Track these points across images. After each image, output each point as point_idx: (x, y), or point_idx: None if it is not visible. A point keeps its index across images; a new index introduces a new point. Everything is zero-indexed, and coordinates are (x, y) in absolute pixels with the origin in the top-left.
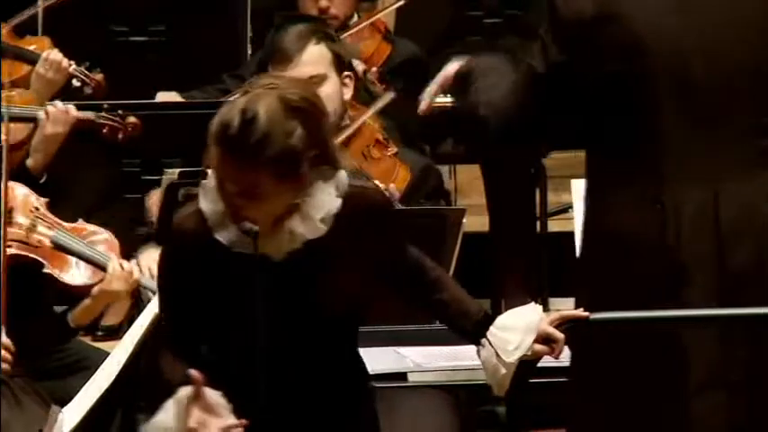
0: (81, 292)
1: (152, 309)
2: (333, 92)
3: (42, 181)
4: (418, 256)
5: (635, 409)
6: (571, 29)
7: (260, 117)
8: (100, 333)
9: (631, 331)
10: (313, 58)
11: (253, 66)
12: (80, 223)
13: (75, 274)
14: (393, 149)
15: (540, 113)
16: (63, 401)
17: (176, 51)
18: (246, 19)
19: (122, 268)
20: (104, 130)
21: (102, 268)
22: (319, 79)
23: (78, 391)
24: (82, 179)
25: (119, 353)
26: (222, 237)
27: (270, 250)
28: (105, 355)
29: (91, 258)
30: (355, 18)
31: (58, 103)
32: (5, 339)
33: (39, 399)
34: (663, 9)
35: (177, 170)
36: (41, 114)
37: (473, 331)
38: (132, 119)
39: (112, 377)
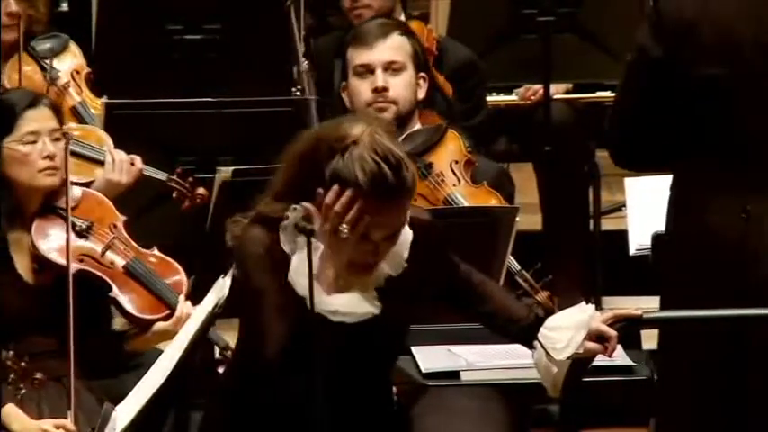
0: (141, 323)
1: (204, 308)
2: (409, 82)
3: None
4: (466, 271)
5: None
6: (671, 27)
7: (401, 158)
8: None
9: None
10: (395, 45)
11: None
12: (154, 252)
13: (139, 304)
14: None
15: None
16: (116, 399)
17: (231, 50)
18: (300, 17)
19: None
20: (174, 195)
21: (170, 307)
22: (399, 66)
23: (131, 390)
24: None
25: (172, 351)
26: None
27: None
28: (158, 353)
29: (160, 294)
30: (402, 17)
31: (122, 153)
32: (71, 426)
33: (93, 397)
34: (766, 15)
35: (231, 168)
36: (108, 160)
37: (524, 336)
38: (201, 190)
39: (165, 375)
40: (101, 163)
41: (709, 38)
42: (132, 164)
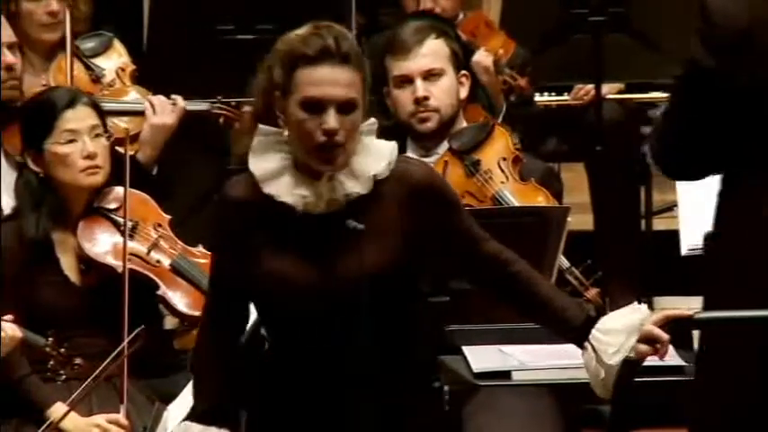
0: (190, 320)
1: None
2: (450, 86)
3: (154, 173)
4: (498, 248)
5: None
6: (725, 34)
7: (342, 31)
8: None
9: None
10: (431, 51)
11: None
12: (200, 249)
13: (188, 301)
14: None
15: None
16: (166, 399)
17: None
18: (351, 16)
19: None
20: (220, 120)
21: None
22: (437, 72)
23: (182, 388)
24: (187, 177)
25: None
26: (271, 189)
27: (311, 202)
28: None
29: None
30: (461, 17)
31: (161, 97)
32: (123, 420)
33: (143, 396)
34: None
35: None
36: (147, 106)
37: (576, 335)
38: (248, 108)
39: None
40: (142, 113)
41: (766, 44)
42: (174, 104)
